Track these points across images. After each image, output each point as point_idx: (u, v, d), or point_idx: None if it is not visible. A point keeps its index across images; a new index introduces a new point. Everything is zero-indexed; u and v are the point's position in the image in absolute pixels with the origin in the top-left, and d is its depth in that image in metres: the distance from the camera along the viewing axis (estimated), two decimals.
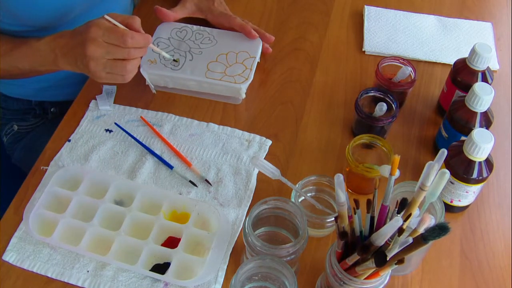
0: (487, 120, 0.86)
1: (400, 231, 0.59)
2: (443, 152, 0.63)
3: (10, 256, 0.79)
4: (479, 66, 0.90)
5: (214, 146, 0.93)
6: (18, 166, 1.18)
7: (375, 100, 0.93)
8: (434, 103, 1.01)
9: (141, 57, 0.85)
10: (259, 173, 0.89)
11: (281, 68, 1.07)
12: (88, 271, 0.78)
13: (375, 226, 0.66)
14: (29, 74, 0.93)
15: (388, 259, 0.60)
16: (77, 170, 0.87)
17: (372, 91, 0.93)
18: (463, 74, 0.92)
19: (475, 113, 0.85)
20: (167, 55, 0.94)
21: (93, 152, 0.91)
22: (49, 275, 0.78)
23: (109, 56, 0.81)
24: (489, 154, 0.79)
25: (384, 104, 0.90)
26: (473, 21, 1.16)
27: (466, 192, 0.81)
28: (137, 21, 0.84)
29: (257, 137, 0.95)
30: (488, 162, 0.79)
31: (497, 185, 0.90)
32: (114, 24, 0.81)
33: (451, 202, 0.84)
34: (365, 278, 0.65)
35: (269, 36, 1.07)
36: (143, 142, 0.93)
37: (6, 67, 0.91)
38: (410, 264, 0.79)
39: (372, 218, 0.66)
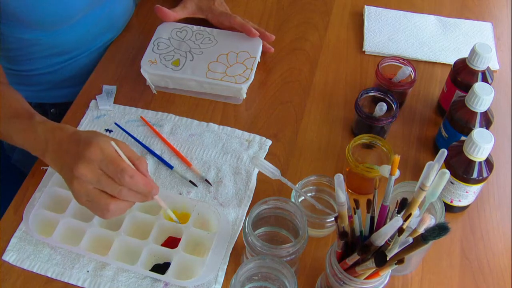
0: (487, 120, 0.86)
1: (400, 231, 0.58)
2: (443, 152, 0.63)
3: (10, 256, 0.79)
4: (479, 66, 0.90)
5: (214, 146, 0.93)
6: (18, 167, 1.18)
7: (375, 100, 0.93)
8: (434, 103, 1.01)
9: (134, 203, 0.73)
10: (259, 173, 0.89)
11: (281, 68, 1.07)
12: (88, 271, 0.78)
13: (375, 226, 0.66)
14: (20, 147, 0.83)
15: (388, 259, 0.60)
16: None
17: (372, 91, 0.93)
18: (463, 74, 0.92)
19: (475, 113, 0.85)
20: (173, 216, 0.81)
21: None
22: (49, 275, 0.78)
23: (97, 185, 0.70)
24: (489, 154, 0.79)
25: (384, 104, 0.90)
26: (473, 21, 1.16)
27: (466, 192, 0.81)
28: (144, 164, 0.73)
29: (257, 137, 0.95)
30: (488, 162, 0.79)
31: (497, 185, 0.90)
32: (119, 155, 0.71)
33: (451, 202, 0.84)
34: (365, 278, 0.65)
35: (269, 35, 1.07)
36: (143, 142, 0.93)
37: (1, 130, 0.83)
38: (410, 264, 0.79)
39: (372, 218, 0.66)
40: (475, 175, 0.79)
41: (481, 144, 0.76)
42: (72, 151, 0.71)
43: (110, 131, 0.95)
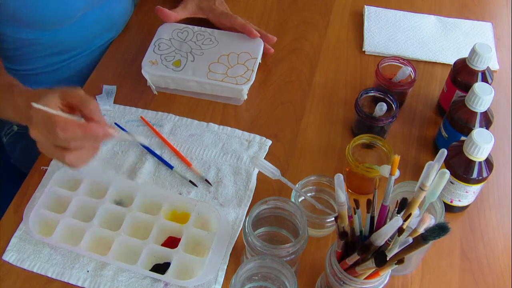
0: (487, 120, 0.86)
1: (400, 231, 0.58)
2: (443, 152, 0.63)
3: (10, 256, 0.79)
4: (479, 66, 0.90)
5: (214, 146, 0.93)
6: (18, 167, 1.18)
7: (375, 100, 0.93)
8: (434, 103, 1.01)
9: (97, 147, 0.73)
10: (259, 173, 0.89)
11: (281, 68, 1.07)
12: (88, 271, 0.78)
13: (375, 226, 0.66)
14: (12, 120, 0.84)
15: (388, 259, 0.60)
16: (77, 170, 0.87)
17: (372, 91, 0.93)
18: (463, 74, 0.92)
19: (475, 113, 0.85)
20: (141, 139, 0.80)
21: None
22: (49, 275, 0.78)
23: (50, 142, 0.70)
24: (489, 154, 0.79)
25: (384, 104, 0.90)
26: (473, 21, 1.16)
27: (466, 192, 0.81)
28: (89, 105, 0.70)
29: (257, 137, 0.95)
30: (488, 162, 0.79)
31: (497, 185, 0.90)
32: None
33: (451, 202, 0.84)
34: (365, 278, 0.65)
35: (271, 37, 1.07)
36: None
37: None
38: (410, 264, 0.79)
39: (372, 218, 0.66)
40: (475, 175, 0.79)
41: (481, 144, 0.76)
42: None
43: None
